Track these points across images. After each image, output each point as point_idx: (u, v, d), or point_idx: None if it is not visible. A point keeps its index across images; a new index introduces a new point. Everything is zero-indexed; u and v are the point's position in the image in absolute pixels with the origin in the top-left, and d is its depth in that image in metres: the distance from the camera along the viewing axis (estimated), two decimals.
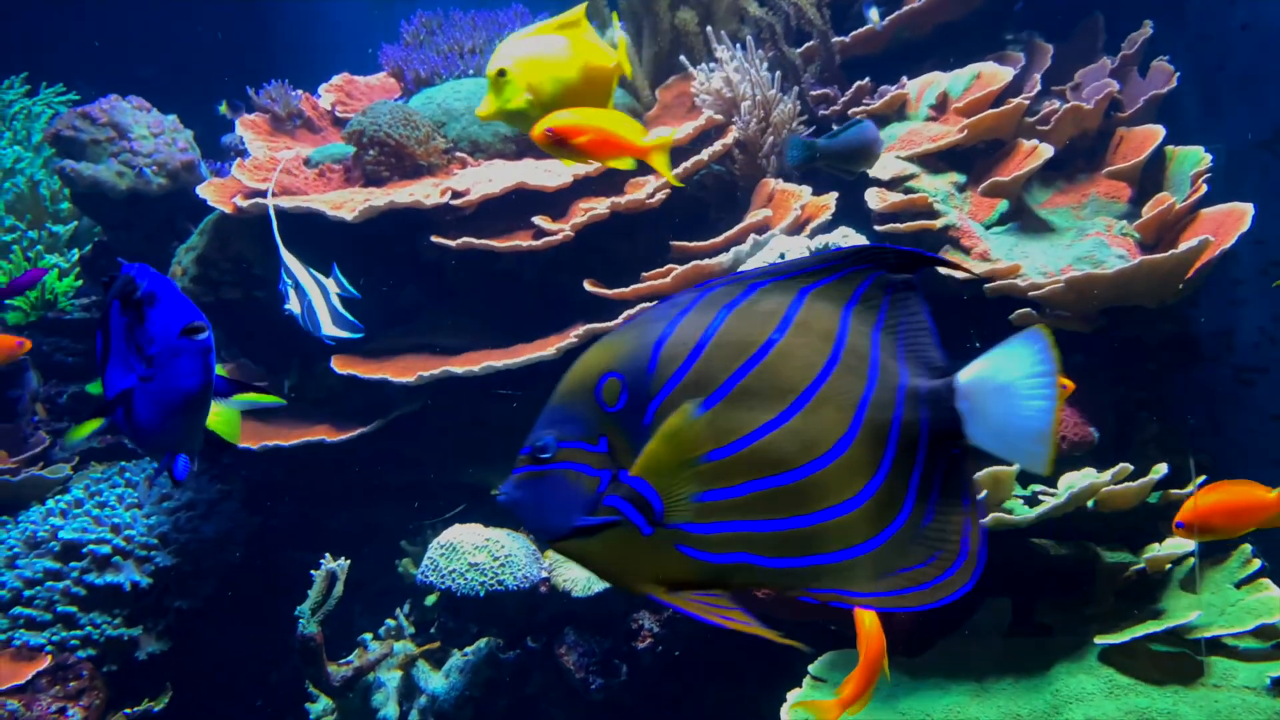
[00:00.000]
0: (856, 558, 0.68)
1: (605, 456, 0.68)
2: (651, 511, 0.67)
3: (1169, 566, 1.68)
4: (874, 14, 2.35)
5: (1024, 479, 1.76)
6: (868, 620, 1.31)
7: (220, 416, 1.15)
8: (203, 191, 2.28)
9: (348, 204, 2.11)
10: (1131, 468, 1.66)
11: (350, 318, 1.87)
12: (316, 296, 1.86)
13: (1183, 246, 1.76)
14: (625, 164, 1.40)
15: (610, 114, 1.37)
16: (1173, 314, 1.96)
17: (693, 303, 0.69)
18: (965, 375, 0.70)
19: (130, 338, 0.96)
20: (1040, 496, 1.72)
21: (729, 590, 0.69)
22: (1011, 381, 0.68)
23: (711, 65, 2.38)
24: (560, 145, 1.33)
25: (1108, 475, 1.65)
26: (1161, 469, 1.67)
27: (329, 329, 1.84)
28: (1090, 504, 1.70)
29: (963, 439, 0.69)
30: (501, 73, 1.40)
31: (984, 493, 1.63)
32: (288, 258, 1.90)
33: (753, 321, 0.68)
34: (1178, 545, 1.66)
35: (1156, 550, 1.66)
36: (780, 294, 0.70)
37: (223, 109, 3.03)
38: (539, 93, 1.41)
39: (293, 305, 1.86)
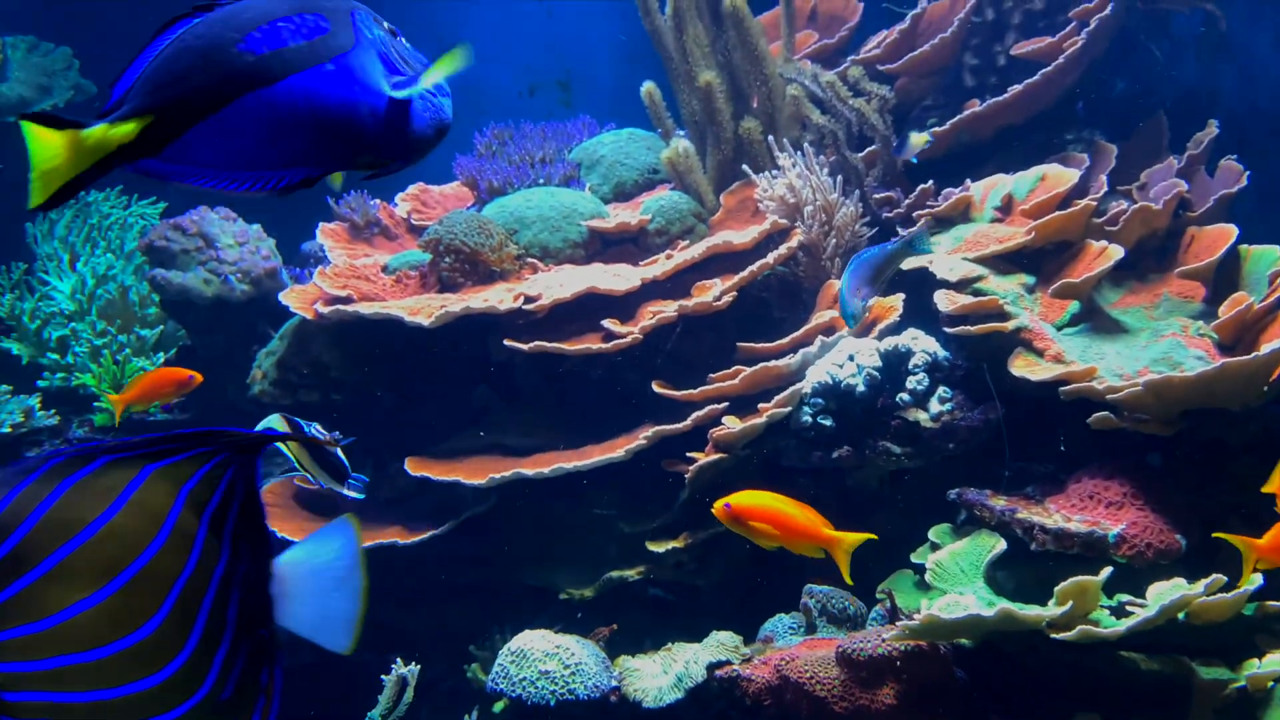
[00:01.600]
0: None
1: None
2: None
3: (1271, 684, 1.60)
4: (914, 138, 2.36)
5: (1109, 589, 1.71)
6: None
7: None
8: (285, 298, 2.38)
9: (424, 309, 2.17)
10: (1225, 579, 1.60)
11: None
12: None
13: (1266, 349, 1.73)
14: None
15: None
16: (1257, 415, 1.91)
17: (37, 471, 0.73)
18: (281, 560, 0.76)
19: (391, 50, 0.93)
20: (1128, 608, 1.66)
21: None
22: (320, 570, 0.76)
23: (774, 172, 2.43)
24: None
25: (1200, 587, 1.59)
26: (1257, 579, 1.61)
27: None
28: (1181, 616, 1.64)
29: (271, 622, 0.75)
30: None
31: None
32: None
33: (88, 498, 0.72)
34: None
35: (1257, 667, 1.58)
36: (124, 470, 0.74)
37: None
38: None
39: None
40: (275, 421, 1.88)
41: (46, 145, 0.81)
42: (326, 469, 1.90)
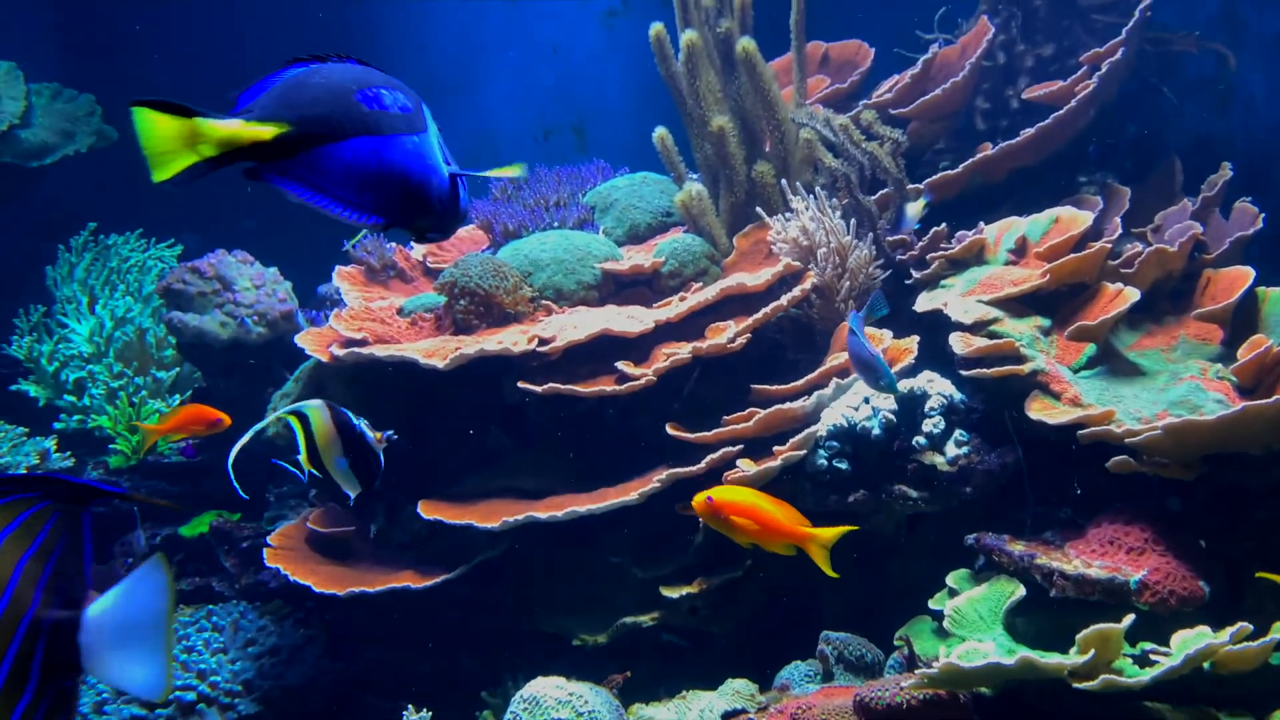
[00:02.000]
0: None
1: None
2: None
3: None
4: (910, 209, 2.35)
5: (1131, 636, 1.68)
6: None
7: None
8: (301, 340, 2.39)
9: (439, 352, 2.18)
10: (1251, 627, 1.57)
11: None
12: None
13: None
14: None
15: None
16: (1279, 459, 1.89)
17: None
18: (93, 610, 0.75)
19: (443, 144, 1.08)
20: (1152, 656, 1.63)
21: None
22: (130, 620, 0.75)
23: (787, 215, 2.44)
24: None
25: (1225, 635, 1.56)
26: None
27: None
28: (1206, 665, 1.61)
29: (79, 671, 0.74)
30: None
31: (1090, 654, 1.55)
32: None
33: None
34: None
35: None
36: None
37: None
38: None
39: None
40: (317, 408, 1.73)
41: (162, 127, 0.88)
42: (356, 468, 1.69)
